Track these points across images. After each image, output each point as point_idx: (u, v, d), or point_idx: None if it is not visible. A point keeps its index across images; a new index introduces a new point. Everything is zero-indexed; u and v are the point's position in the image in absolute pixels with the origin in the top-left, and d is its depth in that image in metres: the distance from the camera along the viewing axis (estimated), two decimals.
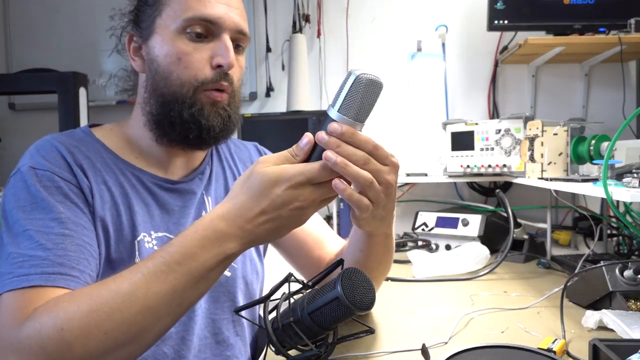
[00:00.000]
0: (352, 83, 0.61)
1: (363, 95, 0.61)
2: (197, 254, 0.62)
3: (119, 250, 0.77)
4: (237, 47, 0.82)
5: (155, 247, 0.80)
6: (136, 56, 0.83)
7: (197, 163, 0.91)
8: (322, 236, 1.02)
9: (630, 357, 0.68)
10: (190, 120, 0.78)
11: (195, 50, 0.78)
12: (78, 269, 0.68)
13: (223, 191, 0.94)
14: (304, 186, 0.61)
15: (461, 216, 1.68)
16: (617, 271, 1.04)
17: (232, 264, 0.87)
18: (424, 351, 0.82)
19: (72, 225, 0.70)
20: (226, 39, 0.79)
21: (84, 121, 1.89)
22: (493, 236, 1.66)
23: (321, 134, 0.61)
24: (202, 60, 0.78)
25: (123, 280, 0.61)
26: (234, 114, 0.83)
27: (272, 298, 0.69)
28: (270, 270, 1.04)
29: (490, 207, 1.92)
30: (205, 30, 0.78)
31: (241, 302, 0.90)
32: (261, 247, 0.99)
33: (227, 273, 0.88)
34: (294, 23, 2.19)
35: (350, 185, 0.63)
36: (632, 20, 1.68)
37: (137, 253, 0.78)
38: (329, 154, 0.60)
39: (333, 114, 0.62)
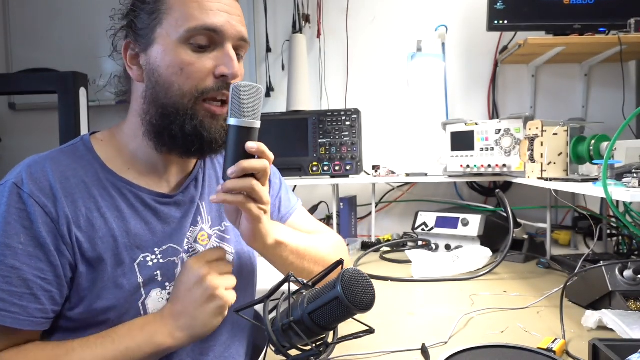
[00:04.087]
0: (232, 91, 0.74)
1: (243, 97, 0.73)
2: (135, 335, 0.74)
3: (119, 274, 0.77)
4: (237, 56, 0.81)
5: (161, 261, 0.81)
6: (133, 65, 0.81)
7: (190, 167, 0.91)
8: (311, 231, 1.03)
9: (630, 357, 0.68)
10: (193, 133, 0.78)
11: (198, 61, 0.77)
12: (20, 305, 0.70)
13: None
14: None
15: (461, 216, 1.68)
16: (616, 271, 1.04)
17: None
18: (424, 351, 0.83)
19: (24, 257, 0.71)
20: (229, 48, 0.78)
21: (84, 122, 1.89)
22: (493, 236, 1.66)
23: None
24: (205, 70, 0.77)
25: (74, 352, 0.71)
26: None
27: (272, 298, 0.69)
28: (271, 270, 1.04)
29: (490, 207, 1.92)
30: (209, 40, 0.77)
31: (239, 303, 0.90)
32: None
33: None
34: (294, 23, 2.19)
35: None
36: (632, 20, 1.68)
37: (138, 274, 0.78)
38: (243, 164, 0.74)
39: (231, 122, 0.74)
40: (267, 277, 1.04)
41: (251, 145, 0.74)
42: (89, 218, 0.76)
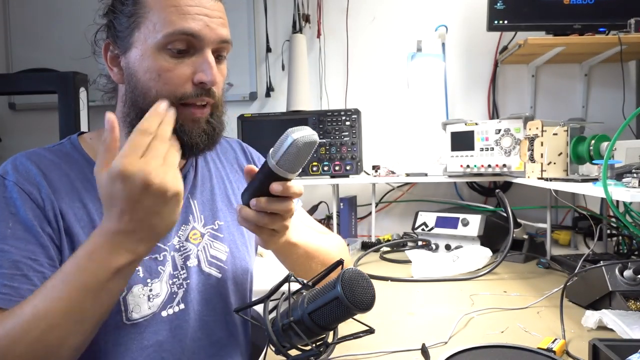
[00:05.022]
0: (290, 144, 0.70)
1: (297, 154, 0.70)
2: (87, 267, 0.64)
3: None
4: (219, 57, 0.80)
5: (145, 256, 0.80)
6: (114, 66, 0.80)
7: (179, 167, 0.90)
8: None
9: (630, 357, 0.68)
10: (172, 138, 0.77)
11: (176, 67, 0.76)
12: (10, 286, 0.70)
13: (209, 194, 0.93)
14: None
15: (461, 216, 1.68)
16: (616, 271, 1.04)
17: (222, 264, 0.88)
18: (424, 351, 0.83)
19: (13, 240, 0.72)
20: (208, 54, 0.77)
21: (84, 122, 1.89)
22: (493, 236, 1.66)
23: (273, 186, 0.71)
24: (183, 77, 0.76)
25: (27, 303, 0.65)
26: (218, 124, 0.82)
27: (272, 298, 0.69)
28: (271, 270, 1.04)
29: (490, 207, 1.93)
30: (187, 45, 0.76)
31: (233, 302, 0.91)
32: (251, 245, 0.99)
33: (217, 274, 0.88)
34: (294, 23, 2.19)
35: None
36: (632, 20, 1.68)
37: None
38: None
39: (271, 164, 0.71)
40: (267, 277, 1.04)
41: (276, 187, 0.71)
42: (71, 208, 0.77)
